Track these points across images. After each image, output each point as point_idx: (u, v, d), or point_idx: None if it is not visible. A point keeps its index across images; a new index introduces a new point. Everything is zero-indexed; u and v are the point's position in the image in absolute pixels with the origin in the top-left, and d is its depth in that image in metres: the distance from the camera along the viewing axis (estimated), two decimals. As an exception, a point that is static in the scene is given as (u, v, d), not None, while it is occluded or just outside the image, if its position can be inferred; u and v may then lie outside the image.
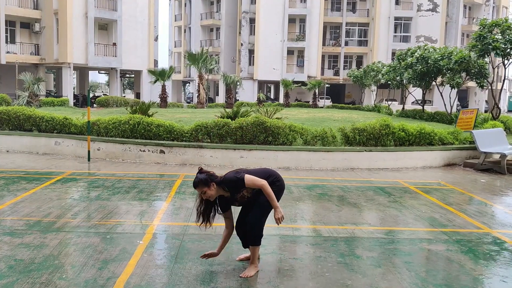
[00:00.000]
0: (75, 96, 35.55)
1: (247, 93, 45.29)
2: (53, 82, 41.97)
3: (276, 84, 49.68)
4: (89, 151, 11.34)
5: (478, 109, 16.60)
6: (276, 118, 12.45)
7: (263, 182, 4.30)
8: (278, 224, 4.34)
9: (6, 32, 32.87)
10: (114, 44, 35.95)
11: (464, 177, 10.44)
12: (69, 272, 4.43)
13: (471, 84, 30.60)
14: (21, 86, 24.93)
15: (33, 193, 7.62)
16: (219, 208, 4.49)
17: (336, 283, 4.37)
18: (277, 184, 4.59)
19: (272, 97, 53.07)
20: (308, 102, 40.50)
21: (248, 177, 4.28)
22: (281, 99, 41.93)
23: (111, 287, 4.13)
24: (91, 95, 30.58)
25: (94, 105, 30.13)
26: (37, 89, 23.71)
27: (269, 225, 6.08)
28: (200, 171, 4.33)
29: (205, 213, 4.43)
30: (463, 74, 19.13)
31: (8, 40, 33.34)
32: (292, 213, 6.92)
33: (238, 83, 37.45)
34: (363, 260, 5.00)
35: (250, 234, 4.44)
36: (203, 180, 4.25)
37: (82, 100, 34.84)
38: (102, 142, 11.64)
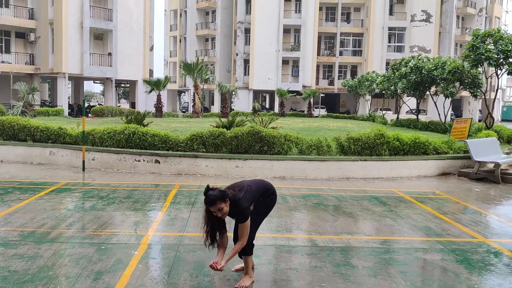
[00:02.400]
0: (70, 106, 35.48)
1: (243, 103, 45.37)
2: (48, 92, 41.91)
3: (271, 93, 49.83)
4: (83, 161, 11.30)
5: (472, 118, 16.70)
6: (272, 128, 12.46)
7: (245, 239, 4.28)
8: (211, 267, 4.20)
9: (1, 42, 32.88)
10: (110, 54, 35.98)
11: (458, 186, 10.48)
12: (63, 283, 4.40)
13: (465, 93, 30.85)
14: (16, 95, 24.87)
15: (27, 204, 7.58)
16: (221, 225, 4.39)
17: (331, 293, 4.36)
18: (272, 197, 4.63)
19: (267, 106, 53.20)
20: (303, 111, 40.61)
21: (247, 224, 4.27)
22: (276, 109, 42.04)
23: (106, 298, 4.10)
24: (86, 104, 30.54)
25: (89, 115, 30.07)
26: (31, 99, 23.66)
27: (265, 235, 6.08)
28: (211, 188, 4.15)
29: (213, 233, 4.31)
30: (457, 84, 19.28)
31: (3, 49, 33.32)
32: (288, 223, 6.91)
33: (233, 93, 37.52)
34: (358, 270, 5.00)
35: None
36: (219, 196, 4.10)
37: (77, 110, 34.76)
38: (97, 152, 11.61)
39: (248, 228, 4.25)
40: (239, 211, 4.20)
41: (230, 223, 4.54)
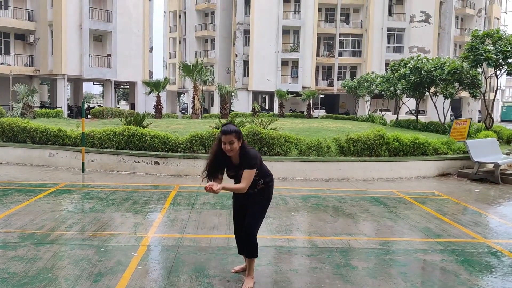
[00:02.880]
0: (69, 108, 35.47)
1: (242, 104, 45.40)
2: (47, 94, 41.90)
3: (271, 94, 49.84)
4: (83, 163, 11.29)
5: (471, 119, 16.71)
6: (271, 129, 12.46)
7: (246, 184, 4.20)
8: (205, 188, 3.96)
9: (1, 44, 32.89)
10: (109, 55, 35.99)
11: (458, 187, 10.48)
12: (63, 285, 4.39)
13: (464, 94, 30.85)
14: (15, 97, 24.86)
15: (27, 205, 7.57)
16: (225, 170, 4.39)
17: (332, 295, 4.35)
18: (270, 184, 4.61)
19: (266, 107, 53.19)
20: (303, 112, 40.62)
21: (253, 171, 4.23)
22: (276, 110, 42.04)
23: (106, 300, 4.09)
24: (85, 106, 30.51)
25: (89, 116, 30.07)
26: (31, 101, 23.65)
27: (265, 236, 6.07)
28: (231, 123, 4.37)
29: (212, 168, 4.31)
30: (456, 85, 19.28)
31: (2, 51, 33.33)
32: (287, 224, 6.90)
33: (232, 94, 37.53)
34: (358, 271, 4.99)
35: (248, 246, 4.42)
36: (237, 130, 4.18)
37: (77, 111, 34.76)
38: (96, 153, 11.60)
39: (252, 176, 4.23)
40: (248, 159, 4.21)
41: (229, 224, 4.52)
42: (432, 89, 20.84)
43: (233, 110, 40.14)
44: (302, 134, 13.80)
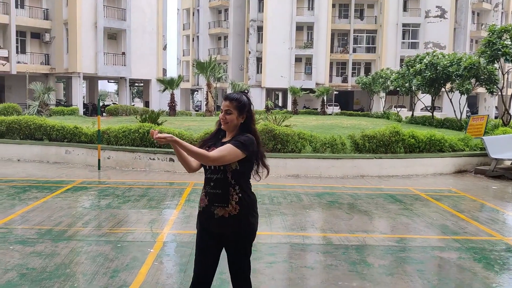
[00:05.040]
0: (84, 105, 35.80)
1: (255, 101, 45.32)
2: (63, 92, 42.35)
3: (284, 91, 49.70)
4: (99, 160, 11.40)
5: (488, 115, 16.47)
6: (285, 126, 12.44)
7: (216, 156, 2.94)
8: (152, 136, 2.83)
9: (17, 43, 33.28)
10: (123, 53, 36.23)
11: (475, 184, 10.35)
12: (80, 281, 4.44)
13: (481, 90, 30.42)
14: (32, 95, 25.17)
15: (44, 202, 7.67)
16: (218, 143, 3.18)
17: (348, 292, 4.33)
18: (253, 199, 3.20)
19: (280, 104, 53.10)
20: (317, 109, 40.45)
21: (235, 151, 2.98)
22: (289, 107, 41.93)
23: (123, 295, 4.13)
24: (100, 104, 30.70)
25: (104, 114, 30.31)
26: (47, 99, 23.90)
27: (280, 233, 6.07)
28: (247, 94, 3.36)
29: (203, 143, 3.27)
30: (473, 80, 19.01)
31: (19, 50, 33.74)
32: (302, 221, 6.89)
33: (246, 91, 37.54)
34: (375, 268, 4.96)
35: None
36: (242, 102, 3.21)
37: (92, 109, 35.07)
38: (112, 150, 11.70)
39: (231, 156, 2.97)
40: (239, 137, 3.09)
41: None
42: (448, 85, 20.58)
43: (246, 107, 40.09)
44: (316, 131, 13.75)
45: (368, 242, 5.90)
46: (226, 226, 3.03)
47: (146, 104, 39.51)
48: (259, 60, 48.78)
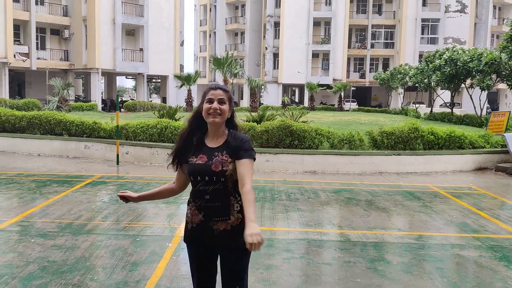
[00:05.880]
0: (103, 101, 36.17)
1: (272, 97, 45.25)
2: (81, 87, 42.86)
3: (301, 87, 49.48)
4: (118, 155, 11.51)
5: (510, 111, 16.16)
6: (302, 122, 12.38)
7: (251, 186, 2.54)
8: (251, 250, 2.34)
9: (37, 39, 33.75)
10: (141, 49, 36.49)
11: (496, 182, 10.18)
12: (100, 274, 4.50)
13: (502, 86, 29.88)
14: (51, 91, 25.53)
15: (64, 196, 7.78)
16: (193, 151, 2.82)
17: (366, 289, 4.30)
18: None
19: (296, 100, 52.88)
20: (334, 105, 40.19)
21: (252, 163, 2.63)
22: (306, 103, 41.72)
23: (142, 289, 4.17)
24: (119, 99, 31.00)
25: (122, 109, 30.59)
26: (66, 94, 24.23)
27: (297, 229, 6.06)
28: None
29: (182, 151, 2.90)
30: (494, 76, 18.69)
31: (39, 46, 34.22)
32: (320, 217, 6.86)
33: (262, 87, 37.46)
34: (393, 266, 4.92)
35: None
36: (230, 92, 2.83)
37: (110, 104, 35.42)
38: (130, 146, 11.81)
39: (251, 172, 2.60)
40: (243, 140, 2.70)
41: (261, 215, 4.49)
42: (468, 81, 20.27)
43: (262, 103, 40.07)
44: (334, 127, 13.67)
45: (387, 239, 5.85)
46: (230, 240, 2.62)
47: (164, 100, 39.75)
48: (275, 56, 48.62)
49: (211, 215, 2.64)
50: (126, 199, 3.03)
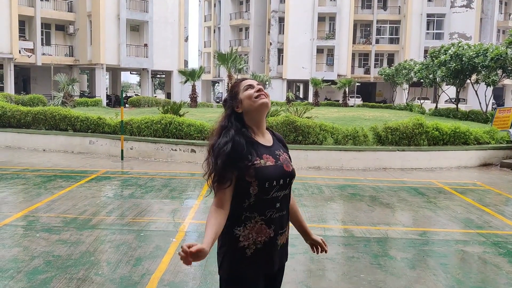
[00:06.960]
0: (107, 97, 36.25)
1: (276, 92, 45.21)
2: (86, 83, 42.98)
3: (305, 83, 49.41)
4: (122, 150, 11.55)
5: (515, 107, 16.08)
6: (306, 117, 12.37)
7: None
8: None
9: (42, 35, 33.82)
10: (146, 45, 36.50)
11: (501, 178, 10.14)
12: (105, 269, 4.53)
13: (508, 81, 29.71)
14: (56, 86, 25.61)
15: (69, 191, 7.82)
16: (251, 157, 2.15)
17: (369, 284, 4.31)
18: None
19: (301, 96, 52.80)
20: (338, 101, 40.14)
21: None
22: (311, 98, 41.67)
23: (146, 283, 4.19)
24: (123, 95, 31.05)
25: (126, 105, 30.66)
26: (71, 90, 24.31)
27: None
28: None
29: (233, 163, 2.13)
30: (499, 72, 18.59)
31: (44, 42, 34.31)
32: (323, 213, 6.87)
33: (267, 83, 37.45)
34: (397, 261, 4.92)
35: None
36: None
37: (115, 100, 35.50)
38: (135, 141, 11.84)
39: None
40: (281, 138, 2.49)
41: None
42: (474, 77, 20.17)
43: (267, 99, 40.00)
44: (338, 123, 13.65)
45: (390, 235, 5.84)
46: (285, 257, 2.28)
47: (168, 95, 39.79)
48: (280, 51, 48.53)
49: (279, 228, 2.18)
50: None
